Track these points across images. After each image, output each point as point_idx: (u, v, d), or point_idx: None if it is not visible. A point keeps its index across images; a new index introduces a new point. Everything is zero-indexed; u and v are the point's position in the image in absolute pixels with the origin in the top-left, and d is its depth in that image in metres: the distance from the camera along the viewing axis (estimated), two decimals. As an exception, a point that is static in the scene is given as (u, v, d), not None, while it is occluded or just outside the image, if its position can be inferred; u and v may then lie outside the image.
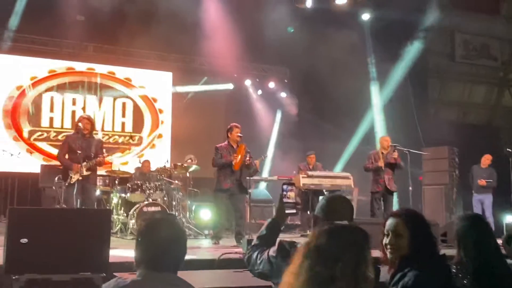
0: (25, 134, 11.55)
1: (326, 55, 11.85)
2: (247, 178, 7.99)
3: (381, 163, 8.91)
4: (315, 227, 2.61)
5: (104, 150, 7.80)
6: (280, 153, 12.37)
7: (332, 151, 11.53)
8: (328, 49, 11.85)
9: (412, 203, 9.08)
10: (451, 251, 3.18)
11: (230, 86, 13.69)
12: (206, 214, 10.40)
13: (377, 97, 13.39)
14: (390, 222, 2.58)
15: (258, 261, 2.64)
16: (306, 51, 11.75)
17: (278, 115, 14.19)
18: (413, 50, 12.85)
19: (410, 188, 9.10)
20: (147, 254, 2.12)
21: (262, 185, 11.68)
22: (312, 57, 12.00)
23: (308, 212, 9.62)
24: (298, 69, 12.95)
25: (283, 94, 14.12)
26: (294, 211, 2.94)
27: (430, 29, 12.96)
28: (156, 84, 12.97)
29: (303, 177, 9.45)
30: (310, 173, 9.56)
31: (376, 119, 13.18)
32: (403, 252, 2.48)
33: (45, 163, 10.90)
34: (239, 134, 8.08)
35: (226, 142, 8.03)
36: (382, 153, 9.09)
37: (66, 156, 7.43)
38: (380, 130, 12.65)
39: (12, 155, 10.80)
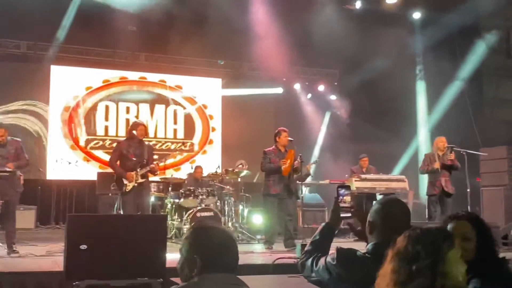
0: (82, 143, 11.91)
1: (376, 56, 11.69)
2: (299, 182, 7.94)
3: (437, 165, 8.66)
4: (371, 233, 2.54)
5: (155, 156, 7.84)
6: (331, 156, 12.23)
7: (385, 154, 11.28)
8: (379, 50, 11.69)
9: (470, 206, 8.79)
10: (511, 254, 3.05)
11: (279, 90, 13.68)
12: (258, 219, 10.42)
13: (424, 97, 13.11)
14: (454, 225, 2.45)
15: (315, 268, 2.57)
16: (356, 53, 11.58)
17: (328, 118, 14.07)
18: (476, 49, 12.47)
19: (468, 190, 8.80)
20: (200, 258, 2.11)
21: (314, 190, 11.57)
22: (362, 58, 11.85)
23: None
24: (348, 71, 12.79)
25: (332, 97, 14.00)
26: (349, 215, 2.85)
27: (485, 27, 12.57)
28: (206, 91, 13.12)
29: (356, 180, 9.31)
30: (363, 176, 9.41)
31: (424, 120, 12.92)
32: (469, 257, 2.34)
33: (101, 170, 11.19)
34: (290, 138, 8.04)
35: (274, 147, 8.01)
36: (438, 154, 8.84)
37: (118, 163, 7.48)
38: (433, 132, 12.32)
39: (70, 163, 11.20)
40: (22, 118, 11.03)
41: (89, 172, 11.39)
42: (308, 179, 10.08)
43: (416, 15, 12.43)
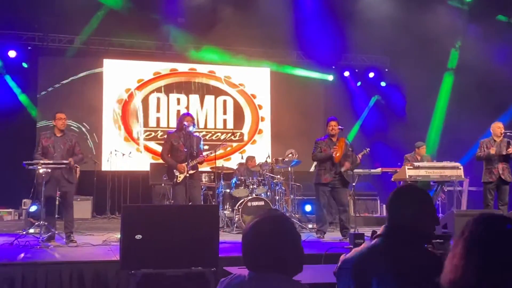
0: (134, 135, 12.17)
1: (426, 41, 11.36)
2: (349, 171, 7.84)
3: (492, 151, 8.38)
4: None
5: (205, 147, 7.90)
6: (382, 145, 12.02)
7: (444, 141, 10.93)
8: (429, 34, 11.37)
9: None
10: None
11: (330, 77, 13.51)
12: (309, 208, 10.39)
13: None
14: None
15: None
16: (406, 38, 11.29)
17: (379, 106, 13.81)
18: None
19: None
20: (248, 253, 2.07)
21: (366, 178, 11.41)
22: (413, 43, 11.54)
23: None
24: (399, 57, 12.49)
25: (383, 84, 13.73)
26: None
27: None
28: (255, 81, 13.12)
29: (409, 169, 9.10)
30: (416, 164, 9.19)
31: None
32: None
33: (153, 161, 11.42)
34: (340, 127, 7.96)
35: (326, 136, 7.94)
36: (494, 140, 8.54)
37: (169, 155, 7.58)
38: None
39: (123, 154, 11.45)
40: (78, 111, 11.33)
41: (142, 163, 11.63)
42: (360, 168, 9.94)
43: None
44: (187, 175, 7.33)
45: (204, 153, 7.71)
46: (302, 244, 2.10)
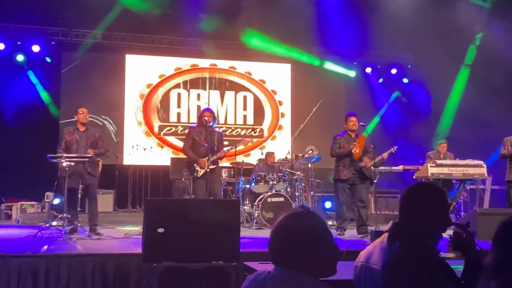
0: (156, 129, 12.26)
1: (449, 38, 11.22)
2: (372, 168, 7.79)
3: (516, 148, 8.25)
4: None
5: (225, 142, 7.92)
6: (404, 142, 11.91)
7: (468, 140, 10.76)
8: (452, 30, 11.22)
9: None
10: None
11: (351, 73, 13.41)
12: (329, 204, 10.36)
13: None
14: None
15: None
16: (429, 34, 11.17)
17: (401, 103, 13.68)
18: None
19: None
20: (274, 248, 2.06)
21: (387, 175, 11.32)
22: (436, 39, 11.41)
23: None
24: (422, 54, 12.35)
25: (405, 80, 13.61)
26: None
27: None
28: (275, 77, 13.11)
29: (431, 166, 9.01)
30: (439, 161, 9.09)
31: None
32: None
33: (174, 156, 11.48)
34: (362, 123, 7.91)
35: (344, 132, 7.90)
36: (519, 139, 8.40)
37: (190, 149, 7.61)
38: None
39: (145, 149, 11.55)
40: (100, 105, 11.45)
41: (162, 157, 11.71)
42: (381, 165, 9.87)
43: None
44: (208, 170, 7.36)
45: (225, 149, 7.73)
46: (335, 246, 2.01)
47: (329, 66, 13.10)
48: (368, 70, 13.49)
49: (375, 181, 7.58)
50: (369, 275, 2.36)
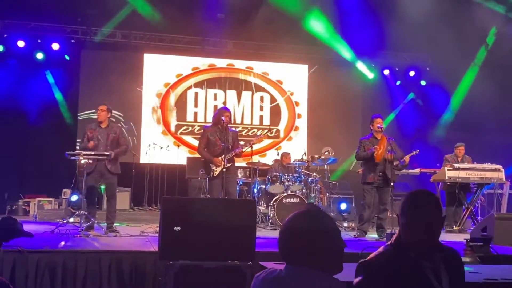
0: (172, 128, 12.32)
1: (468, 41, 11.13)
2: (395, 171, 7.74)
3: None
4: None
5: (241, 142, 7.93)
6: (422, 144, 11.82)
7: (488, 143, 10.64)
8: (470, 33, 11.14)
9: None
10: None
11: (369, 76, 13.32)
12: (344, 206, 10.32)
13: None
14: None
15: None
16: (448, 36, 11.08)
17: (419, 105, 13.57)
18: None
19: None
20: (285, 246, 2.08)
21: (404, 178, 11.25)
22: (454, 41, 11.32)
23: (454, 207, 9.15)
24: (440, 56, 12.26)
25: (423, 83, 13.50)
26: None
27: None
28: (292, 77, 13.10)
29: (448, 170, 8.95)
30: (456, 165, 9.03)
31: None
32: None
33: (190, 155, 11.53)
34: (380, 126, 7.86)
35: (370, 135, 7.86)
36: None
37: (205, 149, 7.65)
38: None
39: (161, 148, 11.62)
40: (118, 103, 11.53)
41: (179, 156, 11.76)
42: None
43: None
44: (224, 169, 7.38)
45: (241, 146, 7.73)
46: (342, 242, 2.09)
47: (347, 68, 13.00)
48: (386, 72, 13.41)
49: (392, 183, 7.53)
50: None
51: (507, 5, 11.29)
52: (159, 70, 12.39)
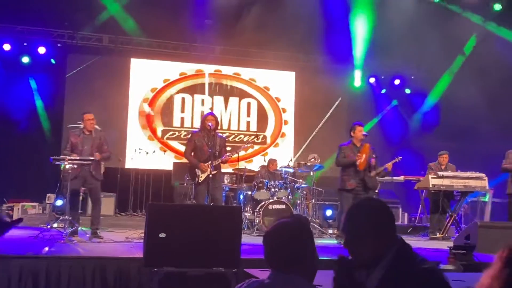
0: (159, 134, 12.28)
1: (454, 51, 11.27)
2: (376, 178, 7.80)
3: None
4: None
5: (228, 148, 7.93)
6: (406, 152, 11.92)
7: (472, 151, 10.76)
8: (456, 44, 11.29)
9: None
10: None
11: (355, 83, 13.39)
12: (329, 213, 10.37)
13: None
14: None
15: None
16: (435, 46, 11.22)
17: (404, 113, 13.69)
18: None
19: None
20: (272, 255, 2.12)
21: (388, 186, 11.33)
22: (436, 50, 11.48)
23: (438, 215, 9.23)
24: (424, 64, 12.39)
25: (408, 91, 13.61)
26: None
27: None
28: (279, 84, 13.14)
29: (432, 178, 9.03)
30: (440, 173, 9.11)
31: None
32: None
33: (176, 161, 11.50)
34: (364, 133, 7.94)
35: (349, 141, 7.93)
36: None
37: (192, 154, 7.65)
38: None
39: (147, 153, 11.58)
40: (104, 108, 11.47)
41: (165, 162, 11.73)
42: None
43: (497, 6, 11.77)
44: (210, 175, 7.38)
45: (228, 154, 7.74)
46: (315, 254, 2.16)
47: (333, 75, 13.06)
48: (372, 80, 13.51)
49: (377, 191, 7.61)
50: None
51: (484, 15, 11.47)
52: (146, 75, 12.35)
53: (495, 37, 11.15)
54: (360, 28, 11.35)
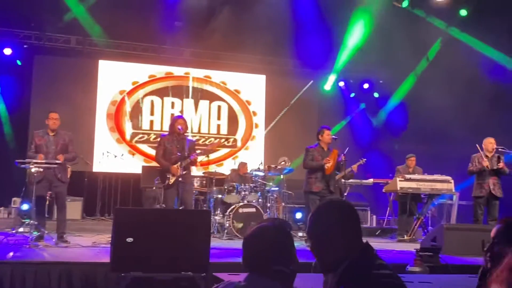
0: (127, 137, 12.13)
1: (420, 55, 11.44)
2: (342, 181, 7.88)
3: (485, 163, 8.45)
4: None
5: (197, 151, 7.91)
6: (375, 156, 12.07)
7: (439, 154, 10.94)
8: (423, 49, 11.45)
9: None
10: None
11: (324, 87, 13.48)
12: (299, 215, 10.41)
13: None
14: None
15: None
16: (403, 51, 11.39)
17: (373, 117, 13.85)
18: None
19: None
20: (252, 258, 2.12)
21: (357, 189, 11.44)
22: (408, 57, 11.65)
23: (406, 217, 9.35)
24: (392, 68, 12.56)
25: (376, 95, 13.79)
26: None
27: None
28: (250, 87, 13.15)
29: (400, 180, 9.16)
30: (408, 176, 9.25)
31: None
32: None
33: (146, 164, 11.39)
34: (334, 137, 8.01)
35: (317, 144, 7.99)
36: (486, 156, 8.61)
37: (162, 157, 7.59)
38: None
39: (115, 156, 11.44)
40: (71, 110, 11.28)
41: (134, 165, 11.60)
42: (351, 178, 9.97)
43: (463, 12, 11.99)
44: (180, 178, 7.34)
45: (198, 151, 7.73)
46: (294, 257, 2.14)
47: (303, 78, 13.15)
48: (341, 84, 13.63)
49: (345, 194, 7.68)
50: None
51: (447, 21, 11.70)
52: (115, 77, 12.19)
53: (459, 42, 11.37)
54: (333, 33, 11.44)
